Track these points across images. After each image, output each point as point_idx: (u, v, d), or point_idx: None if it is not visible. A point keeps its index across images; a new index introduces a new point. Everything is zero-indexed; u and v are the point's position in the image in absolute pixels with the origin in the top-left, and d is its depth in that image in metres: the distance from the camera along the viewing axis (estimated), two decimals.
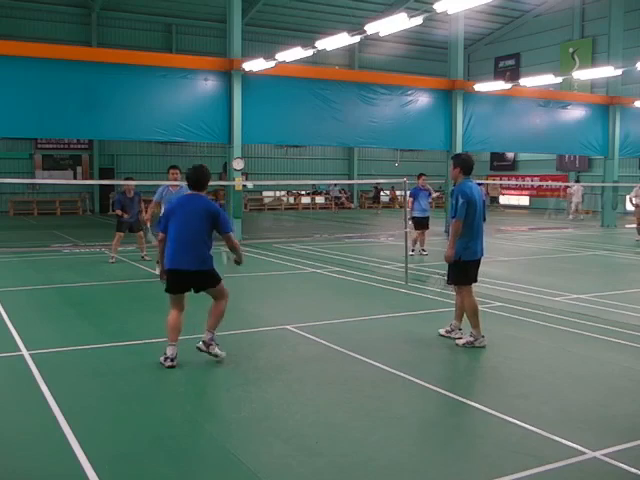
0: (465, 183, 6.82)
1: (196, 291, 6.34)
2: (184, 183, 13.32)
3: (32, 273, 12.17)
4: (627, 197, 26.09)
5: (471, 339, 6.89)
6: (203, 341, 6.30)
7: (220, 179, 24.32)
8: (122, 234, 13.75)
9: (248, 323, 8.03)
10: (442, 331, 7.32)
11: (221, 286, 6.42)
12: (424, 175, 15.47)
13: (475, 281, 7.10)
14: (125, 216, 13.66)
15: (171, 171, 11.88)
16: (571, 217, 27.45)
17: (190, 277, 6.18)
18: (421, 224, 15.03)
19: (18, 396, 5.43)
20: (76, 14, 31.09)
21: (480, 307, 9.02)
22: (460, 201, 6.66)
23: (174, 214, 6.23)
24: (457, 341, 6.99)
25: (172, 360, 6.11)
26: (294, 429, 4.73)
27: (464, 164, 6.86)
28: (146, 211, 12.85)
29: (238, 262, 6.54)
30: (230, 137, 18.09)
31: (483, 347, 6.83)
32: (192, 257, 6.12)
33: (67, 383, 5.74)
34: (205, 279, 6.29)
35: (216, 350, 6.27)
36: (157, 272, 11.94)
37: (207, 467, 4.10)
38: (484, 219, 7.03)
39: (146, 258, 13.54)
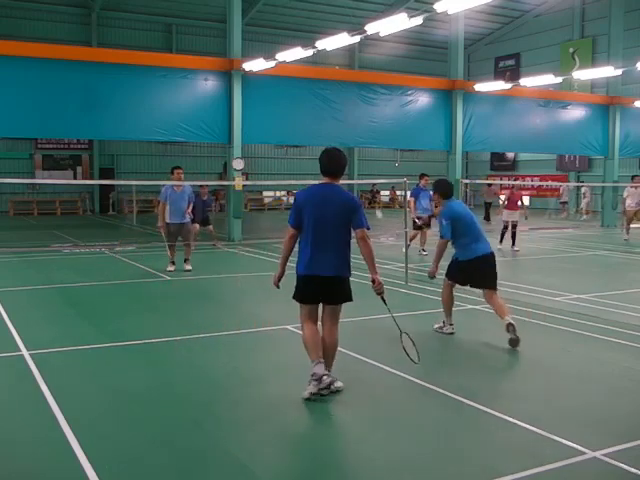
0: (447, 205, 7.36)
1: (325, 302, 5.33)
2: (187, 183, 13.64)
3: (32, 273, 12.17)
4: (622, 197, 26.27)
5: (441, 324, 7.60)
6: (319, 376, 5.25)
7: (220, 179, 24.33)
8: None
9: (248, 323, 8.03)
10: (436, 326, 7.74)
11: (340, 307, 5.39)
12: (426, 176, 15.50)
13: (487, 286, 7.36)
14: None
15: (176, 171, 12.08)
16: (585, 217, 27.65)
17: (325, 285, 5.22)
18: (417, 225, 15.07)
19: (18, 396, 5.43)
20: (76, 14, 31.09)
21: (480, 307, 9.05)
22: (444, 222, 7.20)
23: (306, 208, 5.26)
24: (434, 325, 7.66)
25: (319, 380, 5.17)
26: (294, 429, 4.73)
27: (442, 189, 7.48)
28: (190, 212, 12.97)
29: (377, 285, 5.32)
30: (230, 137, 18.09)
31: (451, 334, 7.45)
32: (329, 260, 5.19)
33: (67, 383, 5.74)
34: (339, 289, 5.28)
35: (338, 383, 5.42)
36: (169, 269, 12.08)
37: (207, 467, 4.10)
38: (488, 219, 7.52)
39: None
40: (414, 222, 14.98)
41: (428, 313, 8.73)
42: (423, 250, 15.15)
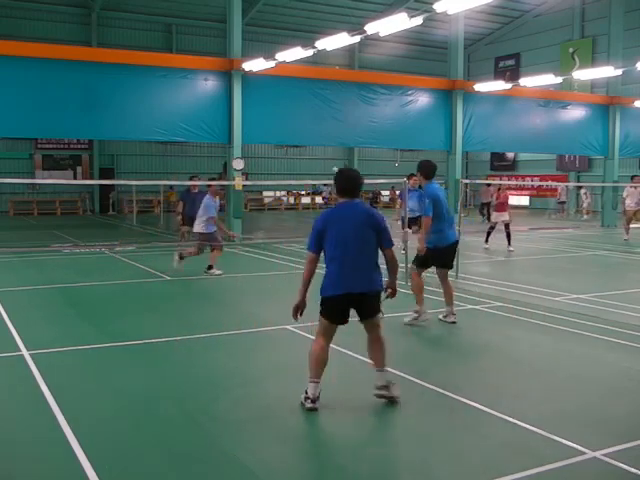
0: (429, 185, 7.86)
1: (362, 318, 5.25)
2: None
3: (32, 273, 12.17)
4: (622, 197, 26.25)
5: (415, 315, 7.82)
6: (380, 386, 5.22)
7: (220, 179, 24.29)
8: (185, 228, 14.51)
9: (248, 323, 8.03)
10: (440, 316, 8.10)
11: (380, 315, 5.33)
12: (414, 176, 15.48)
13: (449, 267, 8.15)
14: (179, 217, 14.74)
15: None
16: (585, 217, 27.66)
17: (358, 301, 5.12)
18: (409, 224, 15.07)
19: (18, 396, 5.43)
20: (76, 14, 31.09)
21: (480, 307, 9.06)
22: (427, 201, 7.71)
23: (331, 229, 5.14)
24: (404, 319, 7.82)
25: (313, 402, 5.02)
26: (294, 429, 4.73)
27: (424, 170, 7.86)
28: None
29: (392, 292, 5.34)
30: (230, 137, 18.09)
31: (425, 322, 7.79)
32: (360, 277, 5.09)
33: (67, 383, 5.74)
34: (372, 303, 5.18)
35: (397, 391, 5.23)
36: (176, 264, 12.08)
37: (207, 467, 4.10)
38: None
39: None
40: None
41: (429, 313, 8.72)
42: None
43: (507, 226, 15.91)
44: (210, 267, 11.92)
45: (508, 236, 15.88)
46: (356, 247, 5.08)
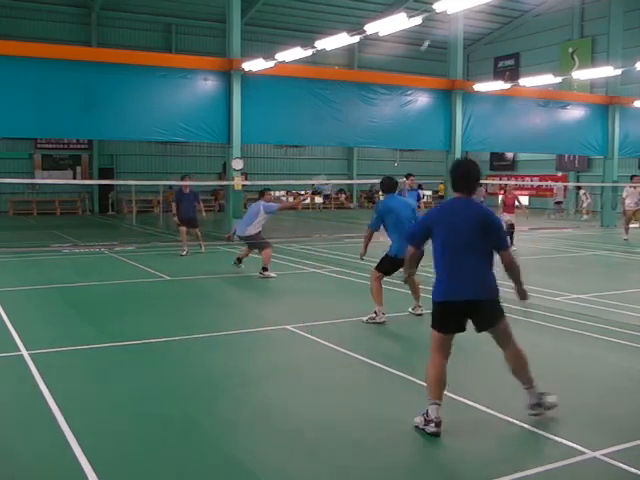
0: (385, 199, 8.41)
1: (480, 329, 4.90)
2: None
3: (32, 273, 12.17)
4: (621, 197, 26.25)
5: (373, 315, 8.02)
6: (532, 404, 4.85)
7: (220, 179, 24.34)
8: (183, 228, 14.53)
9: (248, 323, 8.03)
10: (410, 309, 8.50)
11: (505, 323, 4.94)
12: (412, 176, 15.54)
13: (388, 274, 8.31)
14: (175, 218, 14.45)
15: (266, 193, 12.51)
16: (585, 217, 27.67)
17: (469, 310, 4.75)
18: None
19: (17, 396, 5.43)
20: (76, 14, 31.07)
21: None
22: (374, 215, 8.26)
23: (436, 227, 4.82)
24: (363, 318, 8.09)
25: (437, 425, 4.54)
26: (294, 429, 4.73)
27: (383, 186, 8.45)
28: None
29: (522, 296, 5.04)
30: (230, 137, 18.09)
31: (383, 323, 7.93)
32: (471, 282, 4.70)
33: (66, 383, 5.74)
34: (489, 311, 4.82)
35: (551, 398, 4.90)
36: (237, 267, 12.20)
37: (207, 467, 4.10)
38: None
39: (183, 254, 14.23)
40: None
41: (428, 313, 8.72)
42: None
43: (512, 226, 15.91)
44: (265, 269, 11.63)
45: (511, 236, 15.88)
46: (464, 251, 4.69)
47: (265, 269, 11.62)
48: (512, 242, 15.83)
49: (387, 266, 8.18)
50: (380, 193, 13.57)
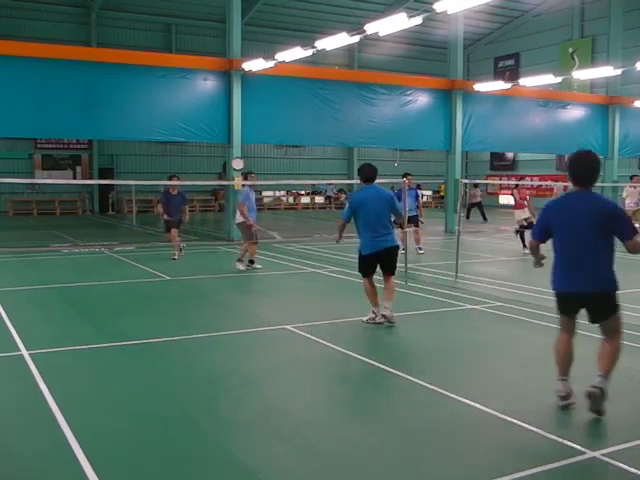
0: (361, 190, 7.99)
1: (591, 319, 5.08)
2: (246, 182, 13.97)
3: (31, 273, 12.17)
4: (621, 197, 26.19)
5: (372, 315, 7.88)
6: (594, 386, 4.87)
7: (219, 179, 24.34)
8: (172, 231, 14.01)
9: (248, 323, 8.03)
10: (365, 318, 8.00)
11: (617, 318, 5.08)
12: (410, 175, 15.56)
13: (370, 275, 7.95)
14: (165, 216, 13.89)
15: (250, 176, 12.74)
16: None
17: (585, 302, 5.02)
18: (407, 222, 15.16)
19: (17, 396, 5.42)
20: (76, 14, 31.09)
21: (480, 307, 9.06)
22: (347, 205, 7.90)
23: (557, 220, 4.99)
24: (363, 318, 7.96)
25: (565, 398, 4.90)
26: (294, 429, 4.73)
27: (361, 175, 7.93)
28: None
29: None
30: (230, 137, 18.09)
31: (381, 323, 7.75)
32: (588, 275, 4.93)
33: (66, 383, 5.73)
34: (601, 305, 5.02)
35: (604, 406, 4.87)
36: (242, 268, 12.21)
37: (207, 467, 4.10)
38: (398, 214, 8.11)
39: (176, 257, 13.86)
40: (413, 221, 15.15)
41: (428, 313, 8.74)
42: (420, 249, 15.19)
43: (531, 224, 15.72)
44: (252, 261, 12.57)
45: (522, 235, 15.74)
46: (583, 244, 4.84)
47: (240, 260, 12.51)
48: (525, 245, 15.64)
49: (362, 266, 7.96)
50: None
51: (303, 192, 37.48)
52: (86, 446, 4.30)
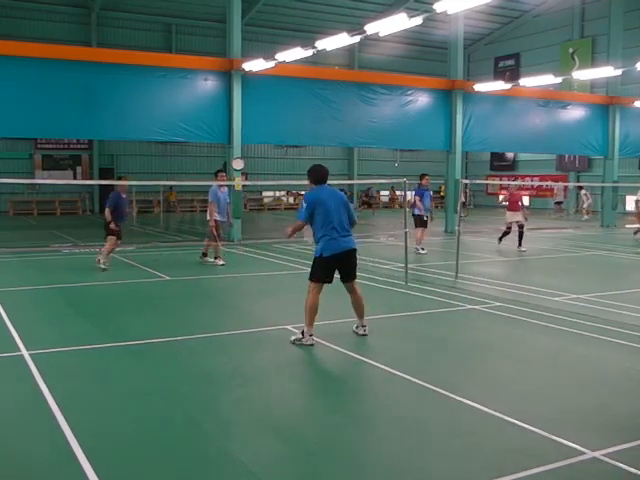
0: (313, 190, 7.29)
1: None
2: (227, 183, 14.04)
3: (32, 273, 12.17)
4: (627, 198, 26.24)
5: (300, 336, 7.01)
6: None
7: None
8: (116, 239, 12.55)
9: (248, 323, 8.03)
10: (293, 337, 7.13)
11: None
12: (427, 175, 15.67)
13: (329, 282, 7.20)
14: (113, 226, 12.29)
15: (220, 174, 13.45)
16: (585, 217, 27.67)
17: None
18: (423, 222, 15.25)
19: (18, 396, 5.42)
20: (76, 14, 31.10)
21: (480, 307, 9.05)
22: (303, 205, 7.19)
23: None
24: (291, 337, 7.09)
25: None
26: (294, 429, 4.73)
27: (311, 176, 7.38)
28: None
29: None
30: (230, 137, 18.08)
31: (311, 345, 6.86)
32: None
33: (67, 383, 5.73)
34: None
35: None
36: (220, 263, 12.38)
37: (207, 467, 4.10)
38: (352, 220, 7.41)
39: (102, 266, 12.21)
40: (418, 220, 15.20)
41: (428, 313, 8.74)
42: (422, 249, 15.19)
43: (521, 227, 15.86)
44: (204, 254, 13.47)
45: (520, 236, 15.84)
46: None
47: (204, 254, 13.51)
48: (520, 243, 15.79)
49: (320, 271, 7.10)
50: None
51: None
52: (86, 446, 4.30)
